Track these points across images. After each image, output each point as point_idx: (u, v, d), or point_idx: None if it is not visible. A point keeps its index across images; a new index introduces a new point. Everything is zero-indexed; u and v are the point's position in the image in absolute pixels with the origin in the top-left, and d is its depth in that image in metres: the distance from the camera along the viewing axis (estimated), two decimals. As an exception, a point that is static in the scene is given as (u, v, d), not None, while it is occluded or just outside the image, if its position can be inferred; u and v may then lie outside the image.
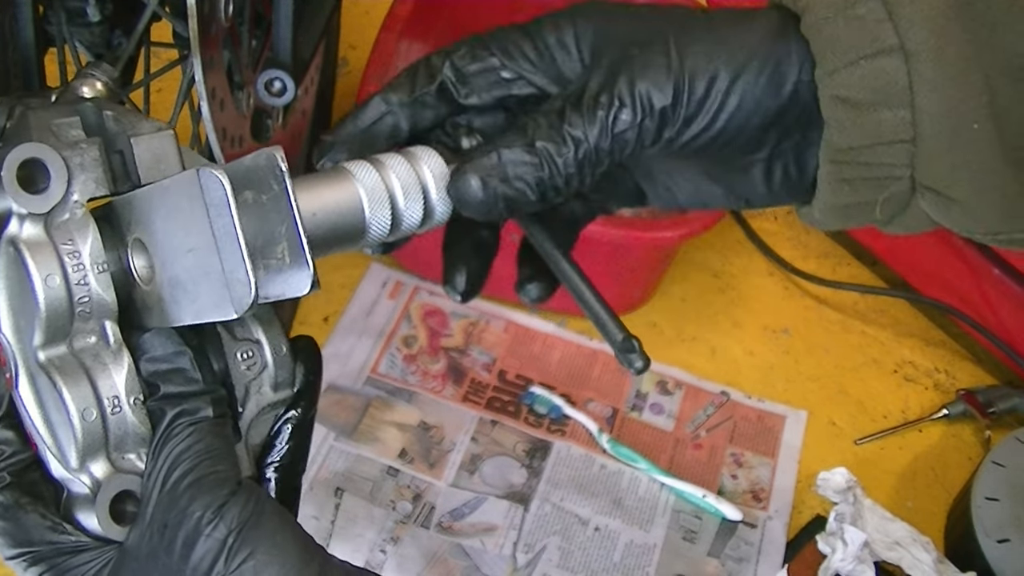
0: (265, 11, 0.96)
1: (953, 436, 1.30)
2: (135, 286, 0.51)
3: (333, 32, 1.33)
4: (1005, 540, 1.10)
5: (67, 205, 0.51)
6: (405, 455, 1.19)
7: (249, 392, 0.54)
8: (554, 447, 1.22)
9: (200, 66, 0.77)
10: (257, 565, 0.47)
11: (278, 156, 0.46)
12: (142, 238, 0.50)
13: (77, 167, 0.51)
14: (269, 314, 0.55)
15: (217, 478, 0.48)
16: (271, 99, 0.94)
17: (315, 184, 0.52)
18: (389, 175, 0.54)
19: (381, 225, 0.53)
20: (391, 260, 1.38)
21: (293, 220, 0.46)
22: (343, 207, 0.52)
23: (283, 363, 0.54)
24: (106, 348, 0.51)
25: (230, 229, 0.45)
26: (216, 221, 0.45)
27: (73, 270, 0.50)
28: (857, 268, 1.46)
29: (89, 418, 0.49)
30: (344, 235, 0.53)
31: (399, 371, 1.27)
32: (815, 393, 1.32)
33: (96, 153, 0.52)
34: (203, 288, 0.47)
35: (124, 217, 0.51)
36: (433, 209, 0.56)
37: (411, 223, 0.55)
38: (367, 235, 0.53)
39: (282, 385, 0.55)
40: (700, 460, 1.24)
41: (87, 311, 0.50)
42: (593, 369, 1.31)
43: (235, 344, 0.53)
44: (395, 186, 0.54)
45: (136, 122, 0.54)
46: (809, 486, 1.21)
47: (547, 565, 1.12)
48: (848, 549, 1.09)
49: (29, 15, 0.81)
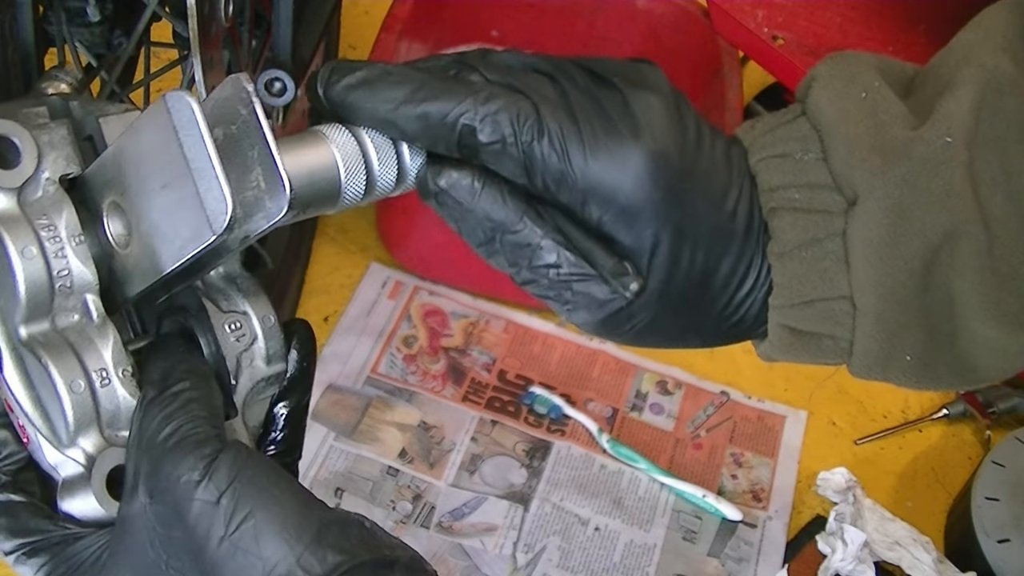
0: (265, 11, 0.96)
1: (953, 436, 1.30)
2: (115, 256, 0.51)
3: (333, 32, 1.33)
4: (1005, 540, 1.10)
5: (39, 182, 0.50)
6: (405, 455, 1.19)
7: (241, 365, 0.53)
8: (554, 447, 1.22)
9: (200, 66, 0.77)
10: (257, 524, 0.45)
11: (243, 79, 0.46)
12: (116, 199, 0.50)
13: (46, 144, 0.51)
14: (255, 286, 0.55)
15: (199, 437, 0.47)
16: (271, 99, 0.94)
17: (289, 145, 0.51)
18: (363, 136, 0.54)
19: (356, 187, 0.53)
20: (391, 260, 1.38)
21: (264, 140, 0.45)
22: (317, 167, 0.52)
23: (272, 334, 0.54)
24: (90, 323, 0.50)
25: (200, 146, 0.44)
26: (186, 142, 0.45)
27: (50, 243, 0.50)
28: (857, 268, 1.46)
29: (78, 390, 0.49)
30: (319, 196, 0.52)
31: (399, 371, 1.27)
32: (815, 393, 1.32)
33: (64, 132, 0.52)
34: (180, 221, 0.46)
35: (96, 186, 0.51)
36: (407, 170, 0.55)
37: (385, 185, 0.55)
38: (342, 197, 0.53)
39: (274, 358, 0.54)
40: (700, 460, 1.24)
41: (67, 285, 0.50)
42: (593, 369, 1.31)
43: (222, 316, 0.53)
44: (368, 147, 0.54)
45: (103, 106, 0.54)
46: (809, 486, 1.21)
47: (547, 565, 1.12)
48: (848, 549, 1.09)
49: (29, 15, 0.81)
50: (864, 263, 0.55)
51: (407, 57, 1.44)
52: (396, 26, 1.35)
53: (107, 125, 0.53)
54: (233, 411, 0.54)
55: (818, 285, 0.56)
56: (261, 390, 0.55)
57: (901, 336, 0.56)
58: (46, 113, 0.53)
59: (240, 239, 0.47)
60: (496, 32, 1.56)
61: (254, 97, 0.46)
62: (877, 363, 0.57)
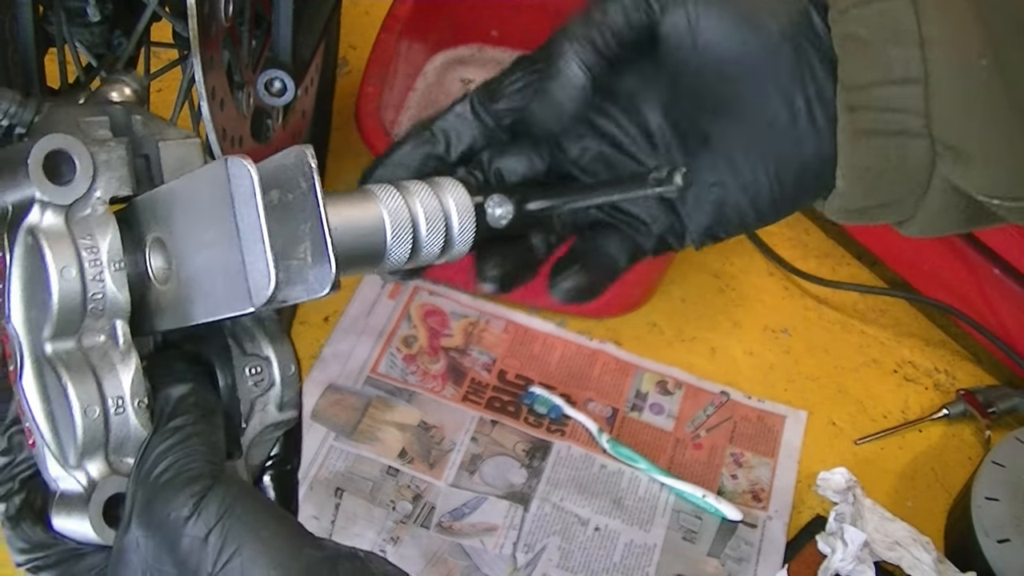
0: (265, 11, 0.96)
1: (953, 436, 1.30)
2: (150, 288, 0.51)
3: (333, 32, 1.33)
4: (1005, 540, 1.10)
5: (89, 201, 0.50)
6: (405, 455, 1.19)
7: (254, 409, 0.53)
8: (554, 447, 1.22)
9: (200, 66, 0.77)
10: (244, 562, 0.45)
11: (308, 154, 0.45)
12: (162, 236, 0.50)
13: (103, 164, 0.51)
14: (280, 333, 0.54)
15: (192, 474, 0.47)
16: (271, 99, 0.94)
17: (338, 201, 0.51)
18: (414, 201, 0.53)
19: (401, 251, 0.53)
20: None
21: (319, 217, 0.45)
22: (365, 227, 0.51)
23: (290, 383, 0.54)
24: (115, 348, 0.50)
25: (254, 219, 0.44)
26: (240, 211, 0.45)
27: (90, 265, 0.50)
28: (857, 268, 1.46)
29: (92, 415, 0.49)
30: (363, 256, 0.52)
31: (399, 371, 1.27)
32: (815, 393, 1.32)
33: (122, 152, 0.52)
34: (220, 282, 0.46)
35: (144, 217, 0.51)
36: (453, 241, 0.55)
37: (430, 252, 0.54)
38: (386, 259, 0.52)
39: (287, 405, 0.54)
40: (700, 460, 1.24)
41: (99, 308, 0.50)
42: (593, 369, 1.31)
43: (244, 359, 0.53)
44: (419, 213, 0.53)
45: (164, 128, 0.54)
46: (809, 486, 1.21)
47: (547, 565, 1.12)
48: (848, 549, 1.09)
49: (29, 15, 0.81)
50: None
51: (407, 57, 1.44)
52: (396, 26, 1.35)
53: (165, 150, 0.53)
54: (238, 452, 0.53)
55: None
56: (269, 433, 0.55)
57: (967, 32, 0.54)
58: (107, 124, 0.53)
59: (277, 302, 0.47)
60: (496, 32, 1.56)
61: (315, 174, 0.45)
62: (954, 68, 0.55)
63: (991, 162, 0.56)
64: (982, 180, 0.56)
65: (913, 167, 0.57)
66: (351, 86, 1.47)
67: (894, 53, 0.55)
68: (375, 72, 1.29)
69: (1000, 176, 0.56)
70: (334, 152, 1.44)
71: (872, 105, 0.57)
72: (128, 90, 0.67)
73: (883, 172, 0.58)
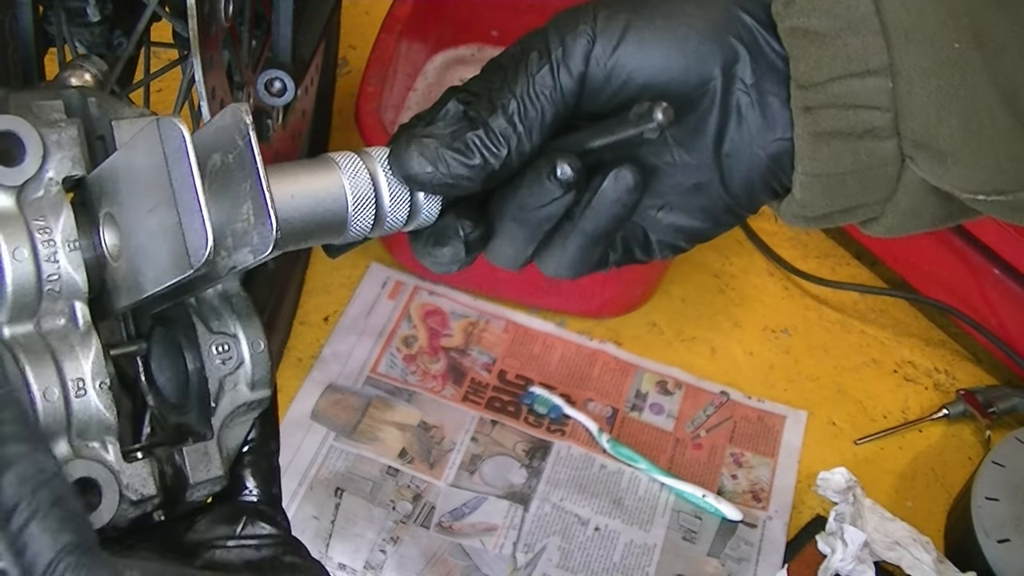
0: (265, 11, 0.96)
1: (953, 436, 1.30)
2: (106, 266, 0.50)
3: (333, 32, 1.33)
4: (1005, 540, 1.10)
5: (41, 182, 0.50)
6: (405, 455, 1.19)
7: (223, 388, 0.53)
8: (554, 447, 1.22)
9: (200, 66, 0.77)
10: None
11: (243, 109, 0.45)
12: (112, 211, 0.49)
13: (53, 144, 0.50)
14: (248, 309, 0.54)
15: None
16: (271, 99, 0.94)
17: (297, 169, 0.50)
18: (376, 167, 0.52)
19: (364, 219, 0.52)
20: (391, 260, 1.38)
21: (256, 174, 0.44)
22: (324, 195, 0.50)
23: (260, 360, 0.53)
24: (75, 330, 0.50)
25: (187, 178, 0.43)
26: (174, 171, 0.44)
27: (43, 246, 0.49)
28: (857, 268, 1.46)
29: (51, 398, 0.48)
30: (324, 225, 0.51)
31: (399, 371, 1.27)
32: (815, 393, 1.32)
33: (74, 132, 0.51)
34: (163, 248, 0.45)
35: (96, 194, 0.50)
36: (419, 207, 0.54)
37: (395, 221, 0.53)
38: (349, 228, 0.52)
39: (259, 384, 0.53)
40: (700, 460, 1.24)
41: (56, 290, 0.49)
42: (593, 369, 1.31)
43: (211, 337, 0.52)
44: (381, 180, 0.52)
45: (119, 108, 0.53)
46: (809, 486, 1.21)
47: (547, 565, 1.12)
48: (848, 549, 1.09)
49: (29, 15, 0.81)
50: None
51: (407, 57, 1.44)
52: (396, 26, 1.35)
53: (119, 129, 0.52)
54: (209, 433, 0.53)
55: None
56: (242, 413, 0.54)
57: (937, 3, 0.50)
58: (61, 108, 0.52)
59: (227, 269, 0.46)
60: (496, 32, 1.56)
61: (250, 129, 0.44)
62: (922, 53, 0.50)
63: (972, 158, 0.51)
64: (962, 177, 0.52)
65: (880, 169, 0.54)
66: (351, 86, 1.48)
67: (852, 43, 0.51)
68: (375, 72, 1.29)
69: (982, 172, 0.52)
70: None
71: (832, 103, 0.52)
72: (88, 75, 0.67)
73: (845, 177, 0.54)
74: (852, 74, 0.52)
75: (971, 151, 0.51)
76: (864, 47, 0.51)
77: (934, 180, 0.53)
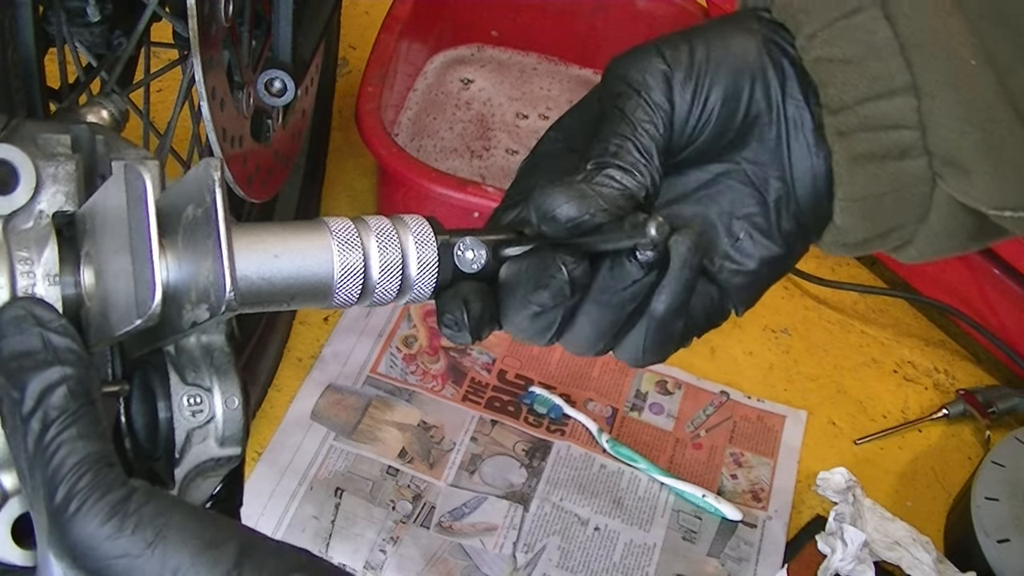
0: (265, 11, 0.96)
1: (953, 436, 1.30)
2: (83, 304, 0.49)
3: (333, 32, 1.33)
4: (1005, 540, 1.10)
5: (31, 213, 0.49)
6: (405, 455, 1.19)
7: (191, 440, 0.51)
8: (554, 447, 1.22)
9: (200, 66, 0.77)
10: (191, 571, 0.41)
11: (212, 164, 0.43)
12: (90, 249, 0.49)
13: (49, 177, 0.49)
14: (228, 364, 0.52)
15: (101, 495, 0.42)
16: (271, 99, 0.94)
17: (288, 229, 0.49)
18: (369, 237, 0.50)
19: (349, 289, 0.50)
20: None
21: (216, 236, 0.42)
22: (310, 260, 0.49)
23: (233, 417, 0.51)
24: None
25: (143, 226, 0.42)
26: (133, 218, 0.43)
27: (23, 277, 0.48)
28: (857, 268, 1.46)
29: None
30: (306, 289, 0.49)
31: (399, 371, 1.27)
32: (815, 393, 1.32)
33: (72, 168, 0.50)
34: (122, 293, 0.45)
35: (80, 231, 0.50)
36: (411, 283, 0.52)
37: (384, 293, 0.51)
38: (333, 296, 0.50)
39: (229, 441, 0.52)
40: (700, 460, 1.24)
41: None
42: (593, 369, 1.31)
43: (183, 388, 0.51)
44: (372, 251, 0.50)
45: (123, 148, 0.53)
46: (809, 486, 1.21)
47: (547, 565, 1.12)
48: (848, 549, 1.09)
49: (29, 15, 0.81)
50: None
51: (407, 57, 1.44)
52: (396, 26, 1.36)
53: (118, 169, 0.52)
54: (171, 483, 0.51)
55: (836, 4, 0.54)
56: (211, 468, 0.53)
57: (949, 26, 0.52)
58: (68, 142, 0.51)
59: (189, 323, 0.45)
60: (496, 32, 1.57)
61: (217, 186, 0.43)
62: (942, 70, 0.52)
63: (996, 171, 0.53)
64: (987, 192, 0.54)
65: (914, 188, 0.55)
66: (351, 86, 1.48)
67: (875, 66, 0.53)
68: (375, 72, 1.29)
69: (1004, 186, 0.53)
70: (334, 152, 1.44)
71: (863, 126, 0.54)
72: (105, 112, 0.67)
73: (883, 198, 0.56)
74: (879, 95, 0.54)
75: (992, 165, 0.53)
76: (888, 69, 0.53)
77: (961, 196, 0.55)
